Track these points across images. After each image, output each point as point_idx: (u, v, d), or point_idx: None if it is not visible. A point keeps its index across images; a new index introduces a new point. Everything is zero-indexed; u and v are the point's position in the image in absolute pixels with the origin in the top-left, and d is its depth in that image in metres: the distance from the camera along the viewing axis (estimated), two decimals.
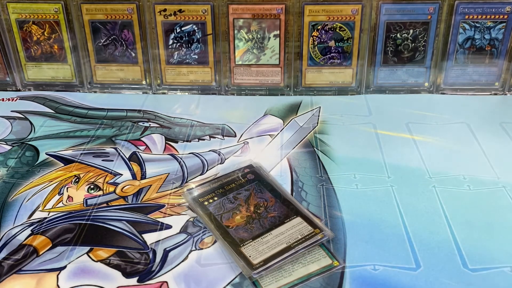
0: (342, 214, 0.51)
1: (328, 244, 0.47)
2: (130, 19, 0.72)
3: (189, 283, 0.43)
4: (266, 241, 0.46)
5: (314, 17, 0.70)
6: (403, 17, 0.70)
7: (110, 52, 0.74)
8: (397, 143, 0.63)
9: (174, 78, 0.75)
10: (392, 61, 0.73)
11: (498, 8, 0.69)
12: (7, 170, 0.59)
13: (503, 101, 0.73)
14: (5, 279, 0.44)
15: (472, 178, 0.56)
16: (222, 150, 0.62)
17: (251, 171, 0.56)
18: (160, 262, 0.46)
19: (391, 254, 0.46)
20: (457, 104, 0.72)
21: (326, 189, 0.54)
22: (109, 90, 0.77)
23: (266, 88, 0.75)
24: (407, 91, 0.75)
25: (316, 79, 0.74)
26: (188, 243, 0.48)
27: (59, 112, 0.72)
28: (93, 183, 0.56)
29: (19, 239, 0.48)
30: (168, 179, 0.57)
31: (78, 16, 0.72)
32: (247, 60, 0.74)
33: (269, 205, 0.51)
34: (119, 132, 0.66)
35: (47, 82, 0.77)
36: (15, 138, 0.65)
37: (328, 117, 0.69)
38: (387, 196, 0.53)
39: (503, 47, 0.71)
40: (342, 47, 0.72)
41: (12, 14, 0.73)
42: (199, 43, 0.73)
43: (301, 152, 0.61)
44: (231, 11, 0.71)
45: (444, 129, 0.66)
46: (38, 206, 0.53)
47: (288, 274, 0.44)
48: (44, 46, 0.75)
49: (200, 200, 0.52)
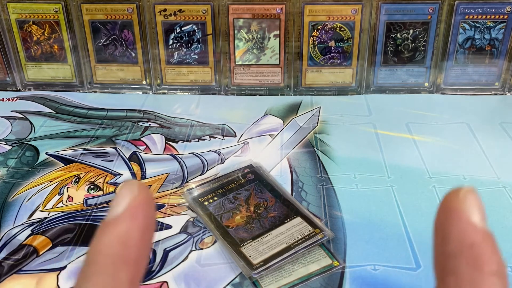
0: (342, 214, 0.51)
1: (328, 244, 0.47)
2: (130, 19, 0.72)
3: (189, 283, 0.43)
4: (266, 241, 0.46)
5: (314, 17, 0.70)
6: (403, 17, 0.70)
7: (110, 52, 0.74)
8: (397, 143, 0.63)
9: (174, 78, 0.75)
10: (392, 61, 0.73)
11: (498, 8, 0.69)
12: (7, 170, 0.59)
13: (503, 101, 0.73)
14: (5, 279, 0.44)
15: (472, 178, 0.56)
16: (222, 150, 0.62)
17: (251, 171, 0.56)
18: (160, 262, 0.46)
19: (391, 254, 0.46)
20: (457, 104, 0.72)
21: (326, 189, 0.54)
22: (109, 90, 0.77)
23: (266, 88, 0.75)
24: (407, 91, 0.75)
25: (316, 79, 0.74)
26: (188, 243, 0.48)
27: (59, 112, 0.72)
28: (93, 183, 0.56)
29: (19, 239, 0.48)
30: (168, 179, 0.57)
31: (78, 16, 0.72)
32: (247, 60, 0.74)
33: (269, 205, 0.51)
34: (119, 132, 0.66)
35: (47, 82, 0.77)
36: (15, 138, 0.65)
37: (328, 117, 0.69)
38: (387, 196, 0.53)
39: (503, 47, 0.71)
40: (342, 47, 0.72)
41: (12, 14, 0.73)
42: (199, 43, 0.73)
43: (301, 152, 0.61)
44: (231, 11, 0.71)
45: (444, 129, 0.66)
46: (38, 206, 0.53)
47: (288, 274, 0.44)
48: (44, 46, 0.75)
49: (200, 200, 0.52)
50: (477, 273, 0.18)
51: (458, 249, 0.19)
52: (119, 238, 0.17)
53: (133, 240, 0.17)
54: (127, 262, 0.17)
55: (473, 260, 0.18)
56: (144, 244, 0.18)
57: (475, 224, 0.19)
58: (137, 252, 0.17)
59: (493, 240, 0.19)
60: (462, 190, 0.19)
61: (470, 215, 0.19)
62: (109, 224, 0.18)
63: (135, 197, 0.18)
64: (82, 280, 0.17)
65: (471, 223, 0.19)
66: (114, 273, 0.17)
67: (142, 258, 0.18)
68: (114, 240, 0.17)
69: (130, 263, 0.17)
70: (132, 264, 0.17)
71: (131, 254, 0.17)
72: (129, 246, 0.17)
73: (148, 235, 0.18)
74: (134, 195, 0.18)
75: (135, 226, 0.17)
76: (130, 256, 0.17)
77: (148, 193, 0.18)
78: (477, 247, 0.18)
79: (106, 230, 0.17)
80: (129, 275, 0.17)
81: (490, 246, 0.19)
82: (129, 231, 0.17)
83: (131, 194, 0.18)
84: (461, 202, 0.19)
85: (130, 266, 0.17)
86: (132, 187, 0.18)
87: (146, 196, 0.18)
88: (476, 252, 0.18)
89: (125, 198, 0.18)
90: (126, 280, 0.17)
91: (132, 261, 0.17)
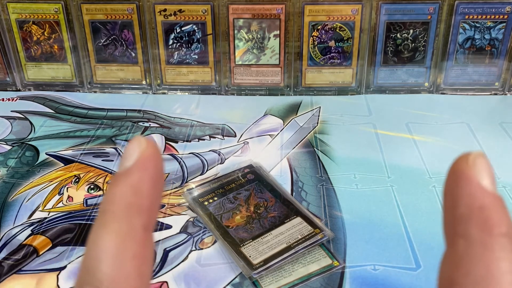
0: (342, 214, 0.51)
1: (328, 244, 0.47)
2: (130, 19, 0.72)
3: (189, 283, 0.43)
4: (266, 241, 0.46)
5: (314, 17, 0.70)
6: (403, 17, 0.70)
7: (110, 52, 0.74)
8: (397, 143, 0.63)
9: (174, 78, 0.75)
10: (392, 61, 0.73)
11: (498, 8, 0.69)
12: (7, 170, 0.59)
13: (503, 101, 0.73)
14: (5, 279, 0.44)
15: None
16: (222, 150, 0.62)
17: (251, 171, 0.56)
18: (160, 262, 0.46)
19: (391, 254, 0.46)
20: (457, 104, 0.72)
21: (326, 189, 0.54)
22: (109, 90, 0.77)
23: (266, 88, 0.75)
24: (407, 91, 0.75)
25: (316, 79, 0.74)
26: (188, 243, 0.48)
27: (59, 112, 0.72)
28: (93, 183, 0.56)
29: (19, 239, 0.48)
30: (168, 179, 0.57)
31: (78, 16, 0.72)
32: (247, 60, 0.74)
33: (269, 205, 0.51)
34: (119, 132, 0.66)
35: (47, 82, 0.77)
36: (15, 138, 0.65)
37: (328, 117, 0.69)
38: (387, 196, 0.53)
39: (503, 47, 0.71)
40: (342, 47, 0.72)
41: (12, 14, 0.73)
42: (199, 43, 0.73)
43: (301, 152, 0.61)
44: (231, 11, 0.71)
45: (444, 129, 0.66)
46: (38, 206, 0.53)
47: (288, 274, 0.44)
48: (44, 46, 0.75)
49: (200, 200, 0.52)
50: (486, 235, 0.18)
51: (468, 212, 0.19)
52: (131, 187, 0.18)
53: (145, 189, 0.18)
54: (140, 210, 0.18)
55: (483, 223, 0.18)
56: (156, 194, 0.19)
57: (485, 187, 0.19)
58: (149, 200, 0.18)
59: (502, 203, 0.19)
60: (471, 155, 0.20)
61: (479, 178, 0.19)
62: (121, 175, 0.18)
63: (144, 150, 0.19)
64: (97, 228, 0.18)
65: (481, 186, 0.19)
66: (128, 220, 0.18)
67: (154, 207, 0.19)
68: (127, 190, 0.18)
69: (143, 210, 0.18)
70: (145, 211, 0.18)
71: (143, 202, 0.18)
72: (141, 195, 0.18)
73: (158, 186, 0.19)
74: (143, 149, 0.19)
75: (146, 176, 0.18)
76: (142, 204, 0.18)
77: (156, 147, 0.19)
78: (486, 210, 0.18)
79: (119, 181, 0.18)
80: (142, 222, 0.18)
81: (499, 209, 0.19)
82: (140, 181, 0.18)
83: (140, 148, 0.19)
84: (470, 166, 0.19)
85: (143, 213, 0.18)
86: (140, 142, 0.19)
87: (155, 149, 0.19)
88: (485, 214, 0.18)
89: (135, 152, 0.19)
90: (140, 226, 0.18)
91: (145, 209, 0.18)
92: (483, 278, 0.18)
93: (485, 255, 0.18)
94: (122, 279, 0.17)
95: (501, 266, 0.18)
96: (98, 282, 0.17)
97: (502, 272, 0.18)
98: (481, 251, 0.18)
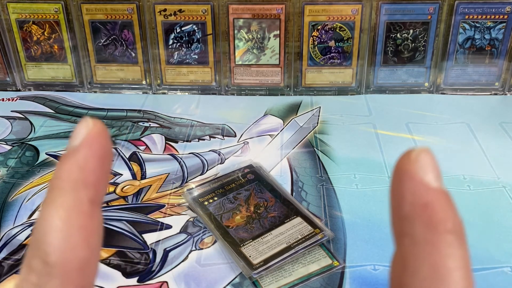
0: (342, 214, 0.51)
1: (328, 244, 0.47)
2: (130, 19, 0.72)
3: (189, 283, 0.43)
4: (266, 241, 0.46)
5: (314, 17, 0.70)
6: (403, 17, 0.70)
7: (110, 52, 0.74)
8: (397, 143, 0.63)
9: (174, 78, 0.75)
10: (392, 61, 0.73)
11: (498, 8, 0.69)
12: (7, 170, 0.59)
13: (503, 101, 0.73)
14: (5, 279, 0.44)
15: (472, 178, 0.56)
16: (222, 150, 0.62)
17: (251, 171, 0.56)
18: (160, 262, 0.46)
19: (391, 254, 0.46)
20: (457, 104, 0.72)
21: (326, 189, 0.54)
22: (109, 90, 0.77)
23: (266, 88, 0.75)
24: (407, 91, 0.75)
25: (316, 79, 0.74)
26: (188, 243, 0.48)
27: (59, 112, 0.72)
28: None
29: (19, 239, 0.49)
30: (168, 179, 0.57)
31: (78, 16, 0.72)
32: (247, 60, 0.74)
33: (269, 205, 0.51)
34: (119, 132, 0.66)
35: (47, 82, 0.77)
36: (15, 138, 0.65)
37: (328, 117, 0.69)
38: (387, 196, 0.53)
39: (503, 47, 0.71)
40: (342, 47, 0.72)
41: (12, 14, 0.73)
42: (199, 43, 0.73)
43: (301, 152, 0.61)
44: (231, 11, 0.71)
45: (444, 129, 0.66)
46: (38, 206, 0.53)
47: (288, 274, 0.44)
48: (44, 46, 0.75)
49: (200, 200, 0.52)
50: (431, 232, 0.18)
51: (412, 210, 0.18)
52: (78, 164, 0.19)
53: (90, 165, 0.19)
54: (86, 185, 0.19)
55: (427, 220, 0.18)
56: (102, 170, 0.20)
57: (428, 183, 0.18)
58: (95, 176, 0.19)
59: (448, 198, 0.18)
60: (414, 151, 0.19)
61: (422, 175, 0.18)
62: (67, 154, 0.19)
63: (90, 130, 0.20)
64: (45, 204, 0.19)
65: (424, 183, 0.18)
66: (74, 194, 0.19)
67: (100, 182, 0.19)
68: (73, 167, 0.19)
69: (90, 185, 0.19)
70: (92, 186, 0.19)
71: (89, 178, 0.19)
72: (87, 170, 0.19)
73: (105, 162, 0.20)
74: (89, 129, 0.20)
75: (92, 153, 0.19)
76: (88, 179, 0.19)
77: (102, 126, 0.20)
78: (430, 207, 0.18)
79: (66, 159, 0.19)
80: (89, 196, 0.19)
81: (444, 205, 0.18)
82: (86, 157, 0.19)
83: (87, 128, 0.20)
84: (413, 163, 0.19)
85: (90, 188, 0.19)
86: (87, 122, 0.20)
87: (100, 128, 0.20)
88: (429, 211, 0.18)
89: (82, 132, 0.20)
90: (86, 200, 0.19)
91: (91, 184, 0.19)
92: (430, 277, 0.17)
93: (431, 254, 0.18)
94: (69, 250, 0.18)
95: (448, 263, 0.18)
96: (45, 254, 0.17)
97: (449, 270, 0.17)
98: (427, 250, 0.18)
